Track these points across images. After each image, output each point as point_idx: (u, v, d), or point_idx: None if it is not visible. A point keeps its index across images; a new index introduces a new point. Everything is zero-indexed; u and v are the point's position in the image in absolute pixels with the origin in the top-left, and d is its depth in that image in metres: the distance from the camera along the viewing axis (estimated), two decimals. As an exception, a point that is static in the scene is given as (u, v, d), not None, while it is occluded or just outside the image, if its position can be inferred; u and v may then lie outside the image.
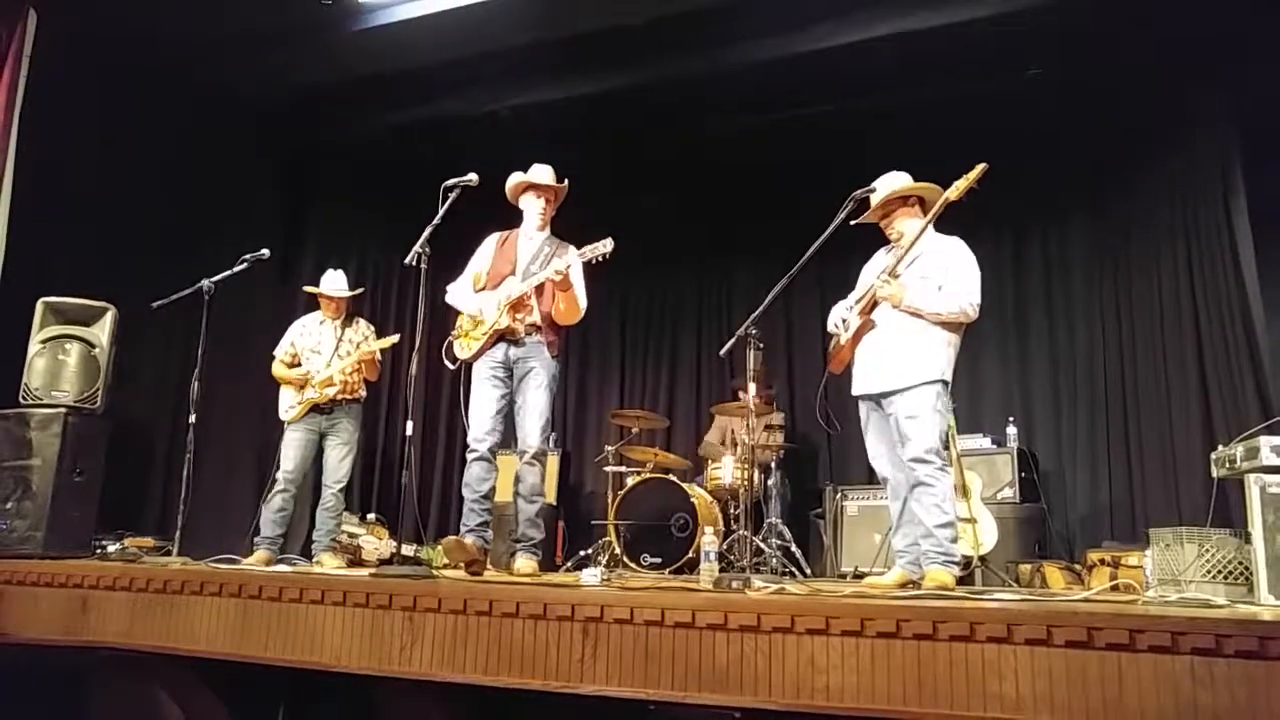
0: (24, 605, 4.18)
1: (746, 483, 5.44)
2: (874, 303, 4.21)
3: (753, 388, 4.30)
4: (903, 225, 4.26)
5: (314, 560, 5.50)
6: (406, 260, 4.42)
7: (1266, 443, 3.62)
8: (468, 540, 4.43)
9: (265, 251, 5.34)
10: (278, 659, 3.59)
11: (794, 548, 6.26)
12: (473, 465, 4.65)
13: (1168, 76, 5.98)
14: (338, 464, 5.59)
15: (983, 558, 5.31)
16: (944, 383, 4.07)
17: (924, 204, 4.27)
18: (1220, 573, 3.66)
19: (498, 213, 4.95)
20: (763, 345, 4.41)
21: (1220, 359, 5.53)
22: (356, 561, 6.05)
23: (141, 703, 4.06)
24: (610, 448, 6.94)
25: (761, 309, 4.15)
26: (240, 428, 6.59)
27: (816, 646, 2.82)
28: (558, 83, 6.50)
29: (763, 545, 6.03)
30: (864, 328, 4.24)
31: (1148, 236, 6.40)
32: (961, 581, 4.20)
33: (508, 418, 4.72)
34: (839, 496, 6.65)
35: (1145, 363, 6.32)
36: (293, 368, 5.68)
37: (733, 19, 5.73)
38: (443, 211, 4.29)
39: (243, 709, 4.18)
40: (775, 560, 5.98)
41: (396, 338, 5.71)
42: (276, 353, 5.75)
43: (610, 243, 4.46)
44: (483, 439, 4.62)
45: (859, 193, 4.16)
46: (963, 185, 3.98)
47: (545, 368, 4.67)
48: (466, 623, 3.27)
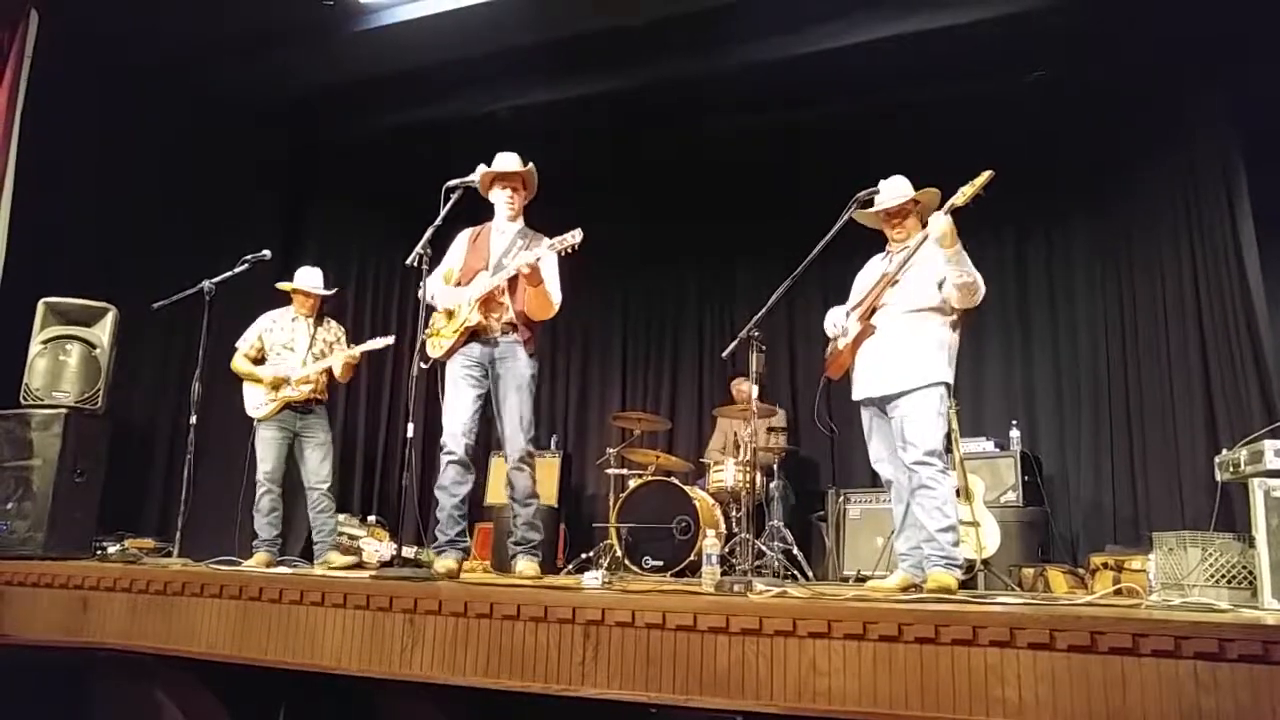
0: (24, 606, 4.18)
1: (748, 485, 5.43)
2: (874, 308, 4.21)
3: (756, 389, 4.29)
4: (909, 228, 4.27)
5: (320, 560, 5.48)
6: (408, 261, 4.41)
7: (1270, 446, 3.62)
8: (450, 563, 4.32)
9: (266, 252, 5.32)
10: (278, 661, 3.58)
11: (796, 551, 6.25)
12: (448, 468, 4.49)
13: (1170, 77, 5.98)
14: (319, 465, 5.54)
15: (985, 561, 5.30)
16: (946, 385, 4.07)
17: (924, 211, 4.27)
18: (1224, 577, 3.65)
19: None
20: (765, 347, 4.39)
21: (1224, 361, 5.52)
22: (357, 563, 6.04)
23: (141, 704, 4.05)
24: (612, 450, 6.92)
25: (764, 310, 4.15)
26: (240, 429, 6.57)
27: (818, 650, 2.81)
28: (558, 83, 6.50)
29: (764, 548, 6.01)
30: (864, 333, 4.23)
31: (1151, 238, 6.39)
32: (964, 585, 4.19)
33: (484, 418, 4.58)
34: (841, 499, 6.64)
35: (1149, 365, 6.31)
36: (255, 362, 5.57)
37: (733, 19, 5.73)
38: (444, 212, 4.28)
39: (243, 711, 4.17)
40: (777, 563, 5.97)
41: (391, 339, 5.63)
42: (240, 345, 5.57)
43: (579, 233, 4.26)
44: (459, 441, 4.47)
45: (862, 194, 4.16)
46: (969, 192, 3.96)
47: (522, 367, 4.51)
48: (467, 625, 3.26)
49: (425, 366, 4.58)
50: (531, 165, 4.70)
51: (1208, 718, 2.42)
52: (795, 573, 6.07)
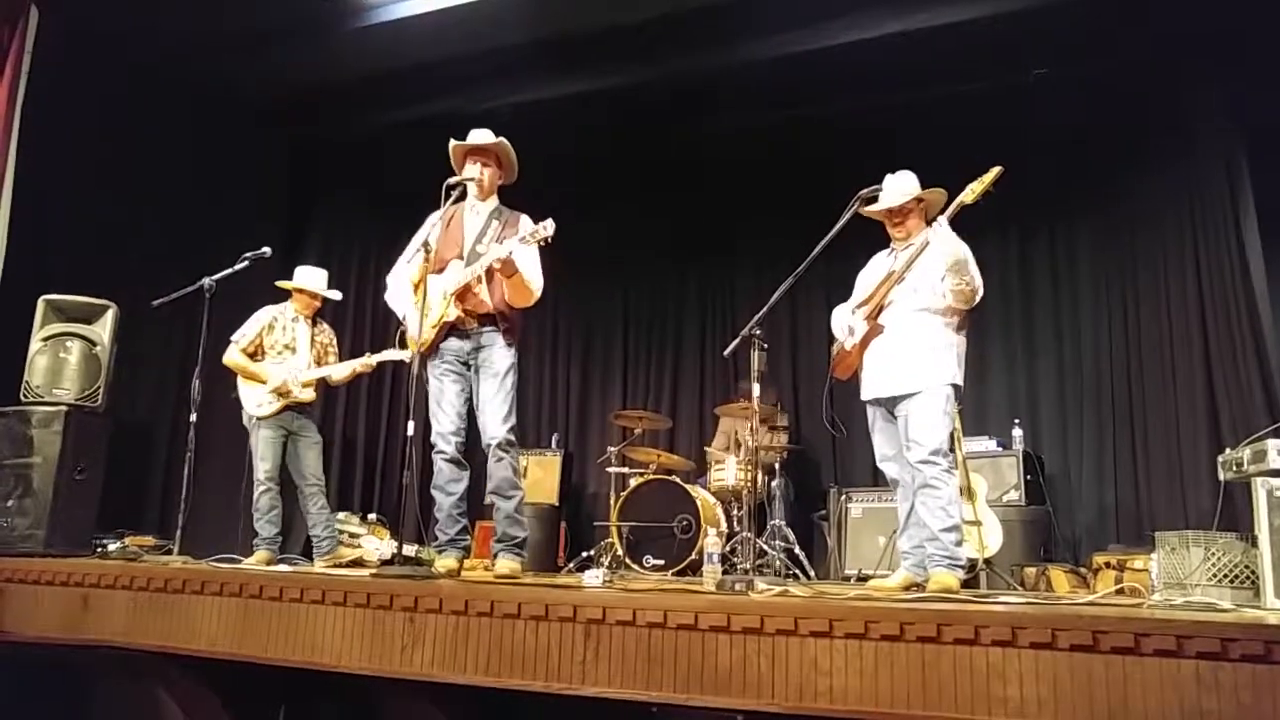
0: (24, 603, 4.17)
1: (750, 484, 5.42)
2: (880, 306, 4.21)
3: (758, 389, 4.27)
4: (910, 227, 4.26)
5: (328, 554, 5.48)
6: (406, 260, 4.42)
7: (1274, 446, 3.60)
8: (451, 562, 4.29)
9: (266, 250, 5.32)
10: (278, 659, 3.57)
11: (797, 550, 6.25)
12: (442, 467, 4.39)
13: (1173, 74, 5.97)
14: (314, 462, 5.56)
15: (988, 560, 5.29)
16: (955, 386, 4.07)
17: (929, 209, 4.27)
18: (1226, 576, 3.64)
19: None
20: (767, 346, 4.37)
21: (1227, 360, 5.52)
22: (357, 562, 6.04)
23: (141, 702, 4.05)
24: (613, 448, 6.92)
25: (766, 309, 4.14)
26: (241, 426, 6.58)
27: (820, 649, 2.80)
28: (558, 80, 6.48)
29: (766, 547, 6.00)
30: (872, 332, 4.23)
31: (1154, 236, 6.39)
32: (966, 584, 4.18)
33: (471, 413, 4.46)
34: (843, 498, 6.63)
35: (1151, 365, 6.30)
36: (251, 357, 5.52)
37: (734, 17, 5.72)
38: (445, 209, 4.27)
39: (243, 709, 4.16)
40: (779, 562, 5.97)
41: (408, 354, 5.60)
42: (238, 340, 5.49)
43: (551, 224, 4.09)
44: (448, 438, 4.37)
45: (865, 192, 4.16)
46: (978, 188, 3.96)
47: (500, 357, 4.35)
48: (468, 623, 3.26)
49: (406, 359, 4.51)
50: (504, 140, 4.54)
51: (1210, 717, 2.41)
52: (797, 572, 6.07)
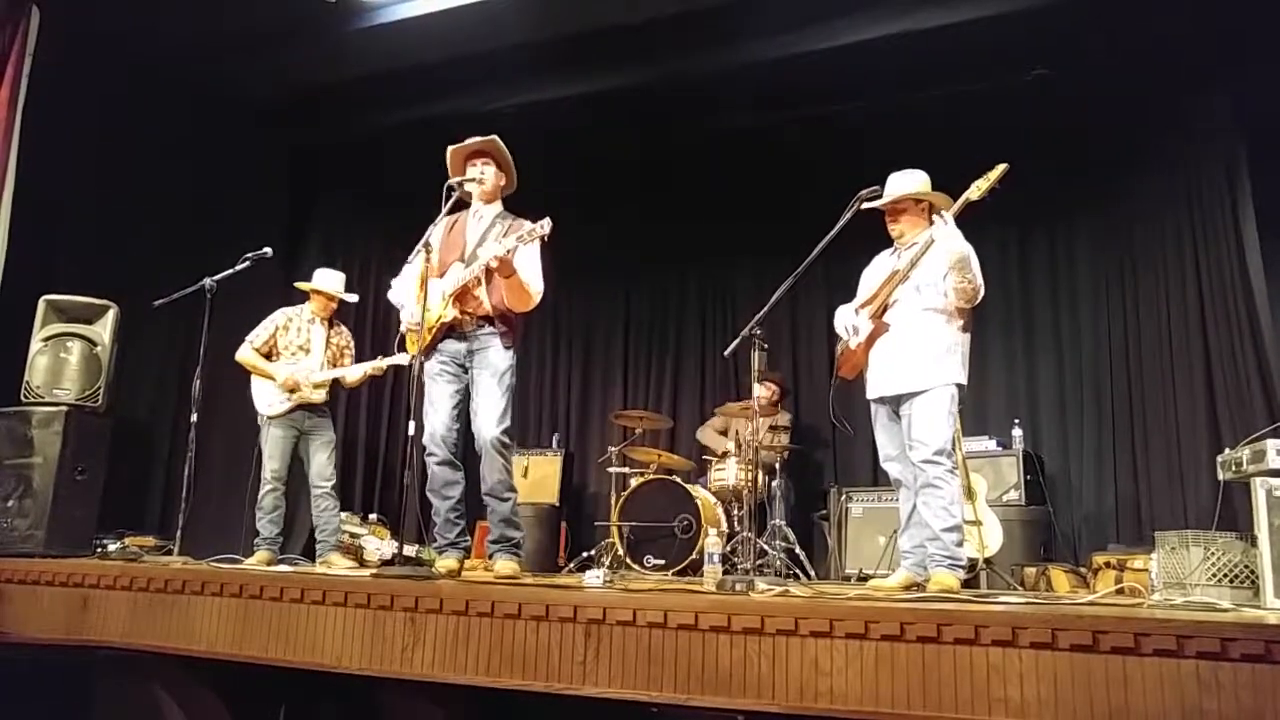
0: (25, 604, 4.17)
1: (750, 484, 5.42)
2: (885, 305, 4.21)
3: (758, 389, 4.27)
4: (908, 225, 4.26)
5: (321, 560, 5.47)
6: (409, 260, 4.41)
7: (1273, 446, 3.61)
8: (451, 563, 4.29)
9: (267, 250, 5.31)
10: (279, 659, 3.57)
11: (798, 550, 6.25)
12: (435, 471, 4.38)
13: (1173, 75, 5.96)
14: (326, 463, 5.54)
15: (988, 560, 5.29)
16: (959, 386, 4.08)
17: (931, 209, 4.27)
18: (1226, 576, 3.64)
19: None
20: (767, 346, 4.37)
21: (1227, 360, 5.52)
22: (358, 562, 6.04)
23: (142, 702, 4.05)
24: (613, 448, 6.91)
25: (766, 309, 4.14)
26: (242, 426, 6.58)
27: (820, 649, 2.80)
28: (559, 81, 6.48)
29: (766, 547, 6.00)
30: (877, 330, 4.23)
31: (1153, 237, 6.38)
32: (966, 584, 4.18)
33: (465, 416, 4.45)
34: (844, 498, 6.63)
35: (1151, 364, 6.30)
36: (266, 357, 5.53)
37: (734, 18, 5.72)
38: (446, 210, 4.27)
39: (243, 709, 4.16)
40: (779, 562, 5.96)
41: (408, 357, 5.61)
42: (252, 339, 5.50)
43: (548, 222, 4.08)
44: (441, 441, 4.35)
45: (865, 192, 4.15)
46: (984, 185, 3.98)
47: (497, 359, 4.33)
48: (468, 624, 3.26)
49: (406, 363, 4.49)
50: (496, 138, 4.53)
51: (1210, 718, 2.41)
52: (797, 572, 6.07)
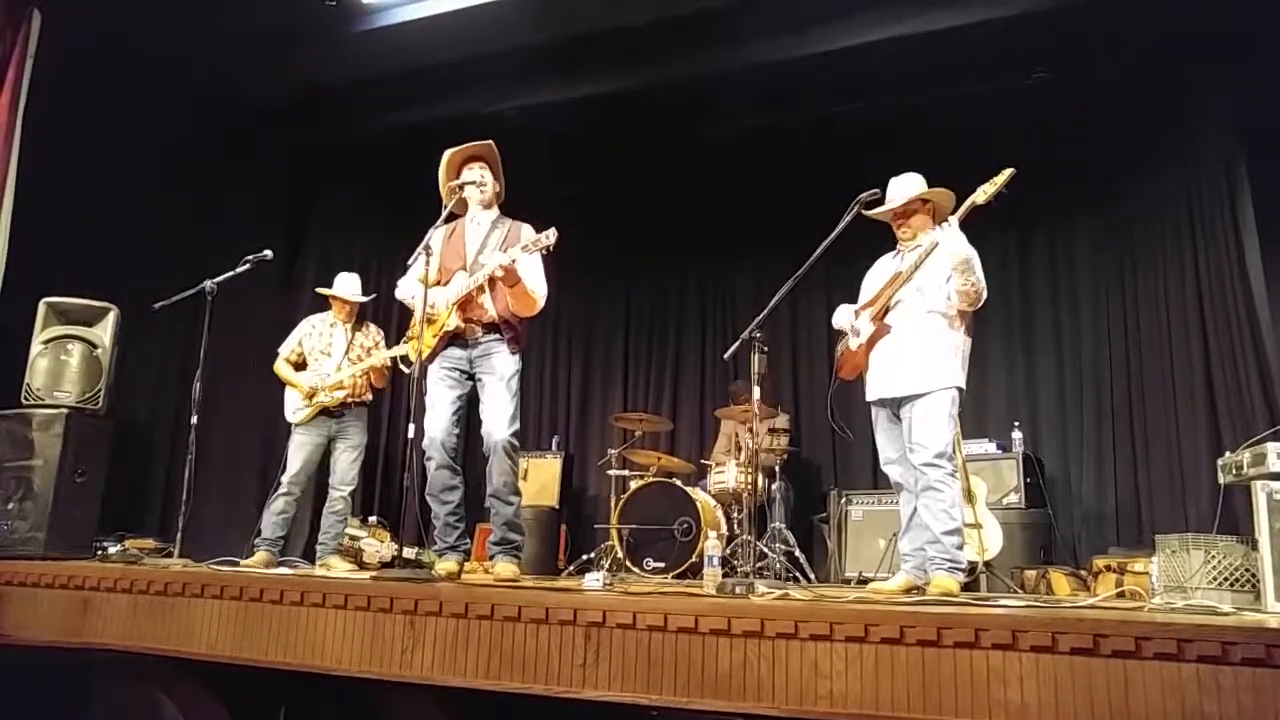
0: (25, 606, 4.17)
1: (750, 487, 5.42)
2: (886, 307, 4.21)
3: (758, 391, 4.27)
4: (919, 226, 4.27)
5: (320, 562, 5.48)
6: (410, 261, 4.42)
7: (1273, 449, 3.61)
8: (451, 565, 4.31)
9: (268, 252, 5.31)
10: (278, 662, 3.57)
11: (798, 553, 6.25)
12: (435, 474, 4.40)
13: (1172, 76, 5.96)
14: (348, 467, 5.58)
15: (988, 563, 5.29)
16: (959, 389, 4.08)
17: (936, 210, 4.27)
18: (1226, 579, 3.63)
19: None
20: (767, 349, 4.37)
21: (1227, 364, 5.51)
22: (358, 565, 6.04)
23: (142, 705, 4.05)
24: (613, 451, 6.91)
25: (766, 311, 4.14)
26: (242, 429, 6.58)
27: (820, 652, 2.80)
28: (560, 83, 6.48)
29: (766, 550, 6.00)
30: (878, 332, 4.23)
31: (1153, 239, 6.39)
32: (966, 587, 4.18)
33: (465, 421, 4.50)
34: (844, 501, 6.63)
35: (1151, 367, 6.30)
36: (297, 367, 5.66)
37: (736, 20, 5.72)
38: (447, 212, 4.28)
39: (243, 712, 4.16)
40: (779, 565, 5.96)
41: (408, 348, 5.63)
42: (282, 350, 5.70)
43: (554, 233, 4.13)
44: (440, 446, 4.38)
45: (864, 195, 4.15)
46: (990, 189, 3.97)
47: (503, 364, 4.38)
48: (468, 626, 3.26)
49: (407, 370, 4.52)
50: (490, 142, 4.56)
51: (1210, 721, 2.41)
52: (797, 575, 6.06)
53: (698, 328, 8.61)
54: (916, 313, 4.14)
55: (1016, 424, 6.58)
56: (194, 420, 5.04)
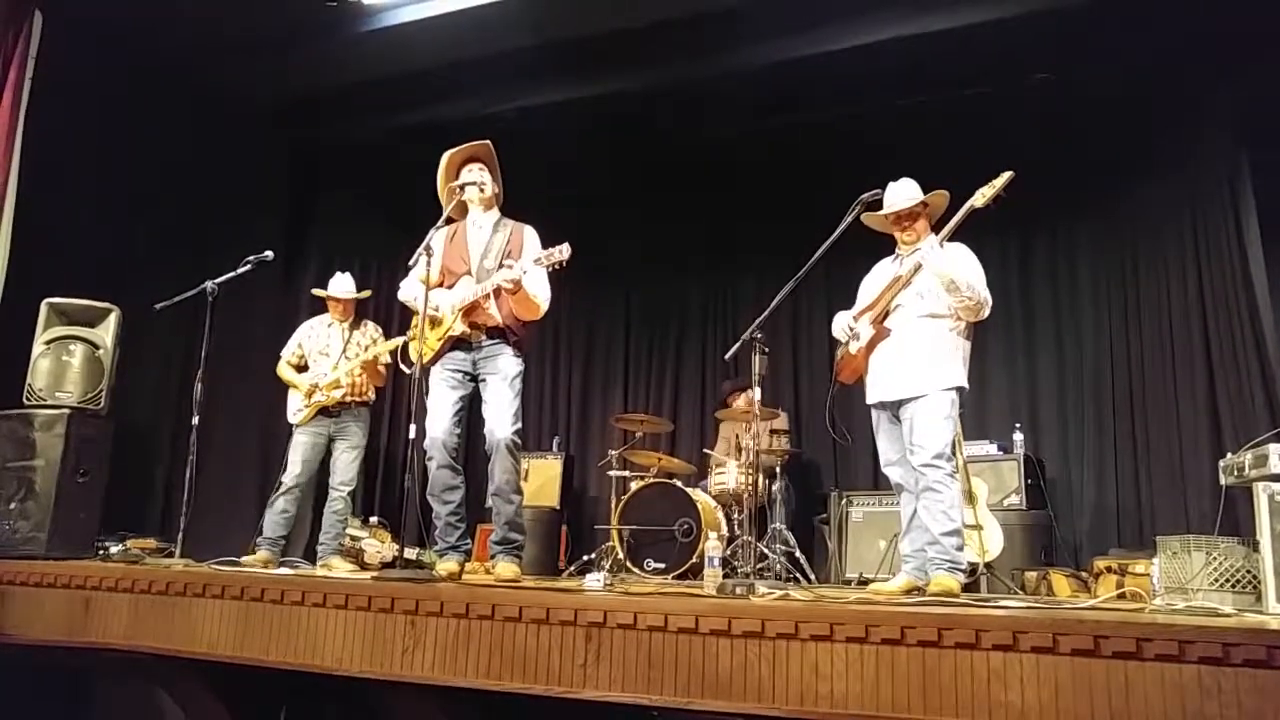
0: (26, 606, 4.18)
1: (751, 488, 5.42)
2: (887, 310, 4.21)
3: (758, 392, 4.27)
4: (923, 229, 4.26)
5: (321, 562, 5.49)
6: (411, 262, 4.42)
7: (1275, 450, 3.60)
8: (452, 565, 4.31)
9: (269, 253, 5.32)
10: (279, 662, 3.58)
11: (798, 553, 6.24)
12: (436, 474, 4.42)
13: (1174, 77, 5.96)
14: (347, 466, 5.60)
15: (989, 565, 5.28)
16: (959, 390, 4.08)
17: (933, 212, 4.27)
18: (1228, 581, 3.63)
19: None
20: (768, 350, 4.38)
21: (1229, 364, 5.50)
22: (359, 565, 6.04)
23: (143, 705, 4.06)
24: (614, 452, 6.90)
25: (767, 313, 4.14)
26: (243, 429, 6.59)
27: (820, 653, 2.80)
28: (560, 85, 6.48)
29: (767, 551, 5.99)
30: (878, 336, 4.23)
31: (1155, 240, 6.37)
32: (967, 588, 4.18)
33: (466, 422, 4.52)
34: (844, 502, 6.62)
35: (1152, 368, 6.29)
36: (299, 369, 5.68)
37: (736, 22, 5.72)
38: (447, 213, 4.28)
39: (244, 711, 4.17)
40: (779, 566, 5.95)
41: (401, 340, 5.66)
42: (284, 354, 5.75)
43: (567, 249, 4.19)
44: (441, 446, 4.40)
45: (866, 196, 4.15)
46: (989, 193, 3.97)
47: (507, 365, 4.42)
48: (469, 627, 3.26)
49: (409, 371, 4.54)
50: (488, 142, 4.58)
51: (1211, 723, 2.41)
52: (797, 575, 6.06)
53: (698, 329, 8.59)
54: (916, 315, 4.14)
55: (1018, 425, 6.57)
56: (195, 420, 5.05)
